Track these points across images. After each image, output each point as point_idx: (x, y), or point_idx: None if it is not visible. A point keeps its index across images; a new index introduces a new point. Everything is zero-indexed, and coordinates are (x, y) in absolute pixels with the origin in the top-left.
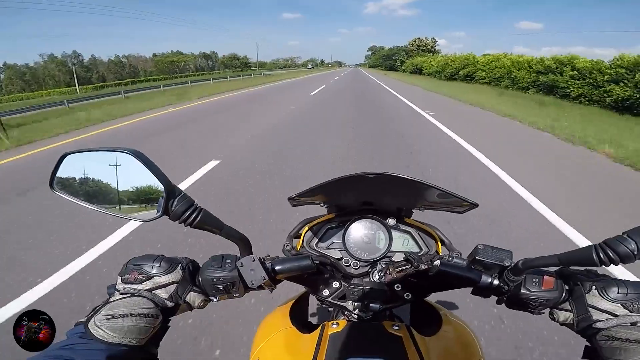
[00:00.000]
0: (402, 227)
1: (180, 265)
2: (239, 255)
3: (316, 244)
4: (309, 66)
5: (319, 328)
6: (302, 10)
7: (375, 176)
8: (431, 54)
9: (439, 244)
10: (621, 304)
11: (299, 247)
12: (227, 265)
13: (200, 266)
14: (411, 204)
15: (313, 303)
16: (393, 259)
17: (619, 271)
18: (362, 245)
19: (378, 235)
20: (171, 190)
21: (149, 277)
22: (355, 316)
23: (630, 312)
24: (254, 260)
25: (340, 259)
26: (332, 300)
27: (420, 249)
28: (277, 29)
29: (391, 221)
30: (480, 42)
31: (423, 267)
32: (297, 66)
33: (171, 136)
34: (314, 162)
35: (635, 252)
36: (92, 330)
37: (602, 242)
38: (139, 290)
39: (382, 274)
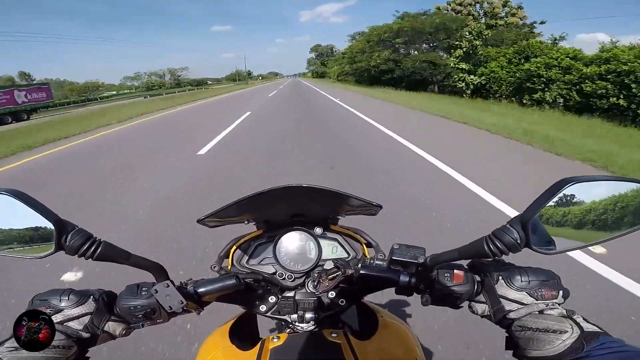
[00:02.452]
0: (329, 234)
1: (92, 296)
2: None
3: (247, 262)
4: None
5: (259, 344)
6: (233, 22)
7: (286, 189)
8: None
9: (364, 246)
10: (527, 292)
11: (230, 267)
12: (143, 293)
13: (118, 295)
14: (333, 211)
15: (264, 320)
16: (325, 267)
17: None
18: (294, 257)
19: (308, 245)
20: (62, 226)
21: (58, 310)
22: (299, 328)
23: (536, 299)
24: (168, 286)
25: (274, 273)
26: (271, 315)
27: (349, 254)
28: (210, 43)
29: (318, 230)
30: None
31: (349, 272)
32: (219, 81)
33: None
34: None
35: (519, 242)
36: None
37: (491, 232)
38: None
39: (315, 283)
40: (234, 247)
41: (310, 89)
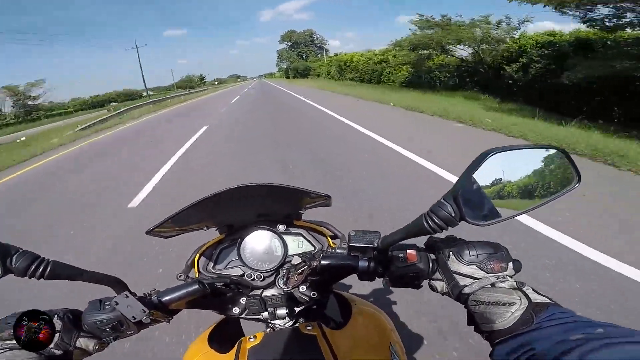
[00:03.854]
0: (293, 230)
1: (57, 315)
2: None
3: (213, 267)
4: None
5: (236, 345)
6: (187, 26)
7: (234, 190)
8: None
9: (329, 238)
10: (477, 266)
11: (197, 275)
12: (106, 307)
13: (83, 312)
14: (293, 207)
15: (251, 323)
16: (293, 262)
17: None
18: (260, 257)
19: (273, 243)
20: (5, 250)
21: None
22: (277, 325)
23: (487, 273)
24: (128, 297)
25: (243, 275)
26: (245, 317)
27: (315, 247)
28: (164, 49)
29: (281, 227)
30: (368, 40)
31: (315, 263)
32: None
33: None
34: None
35: (454, 215)
36: None
37: (429, 209)
38: (15, 344)
39: (285, 279)
40: (198, 255)
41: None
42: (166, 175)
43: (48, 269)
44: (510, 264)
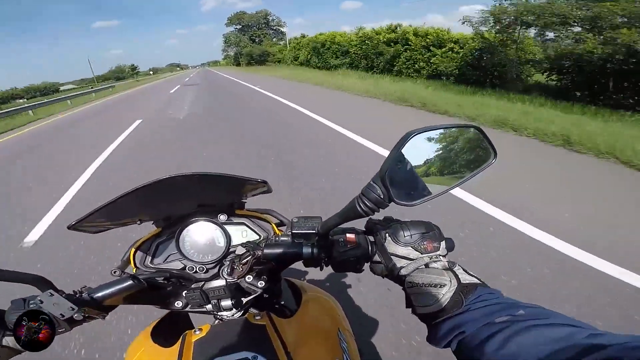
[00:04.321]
0: (235, 219)
1: None
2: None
3: (151, 262)
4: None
5: (180, 339)
6: (120, 16)
7: (165, 181)
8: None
9: (274, 225)
10: (412, 247)
11: (134, 270)
12: (30, 305)
13: (5, 311)
14: (233, 196)
15: (199, 317)
16: (237, 252)
17: None
18: (203, 248)
19: (215, 234)
20: None
21: None
22: (225, 317)
23: (421, 253)
24: (52, 295)
25: (184, 268)
26: (190, 310)
27: (260, 235)
28: (95, 40)
29: (222, 217)
30: (318, 26)
31: (259, 252)
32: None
33: None
34: None
35: (383, 197)
36: None
37: (360, 192)
38: None
39: (229, 270)
40: (133, 250)
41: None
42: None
43: None
44: (443, 243)
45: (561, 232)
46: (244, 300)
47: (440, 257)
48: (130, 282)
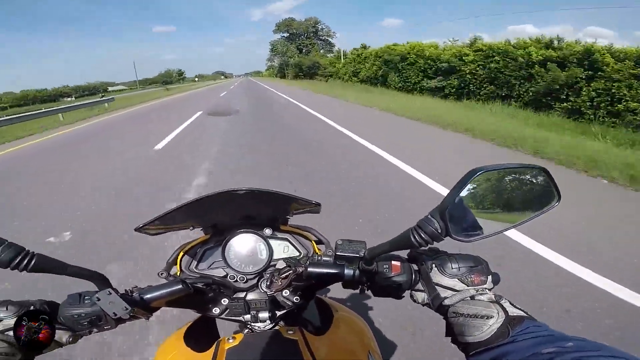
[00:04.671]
0: (279, 234)
1: (32, 306)
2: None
3: (196, 267)
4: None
5: (214, 345)
6: (175, 23)
7: (223, 194)
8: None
9: (314, 244)
10: (458, 279)
11: (179, 273)
12: (86, 301)
13: (60, 304)
14: (281, 211)
15: (226, 323)
16: (277, 266)
17: None
18: (245, 259)
19: (258, 246)
20: None
21: None
22: (256, 328)
23: (467, 285)
24: (110, 294)
25: (225, 276)
26: (225, 317)
27: (300, 252)
28: (153, 45)
29: (267, 231)
30: (360, 41)
31: (300, 269)
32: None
33: None
34: None
35: (440, 231)
36: None
37: (416, 224)
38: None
39: (268, 283)
40: (181, 254)
41: None
42: None
43: (32, 262)
44: (490, 277)
45: None
46: (278, 313)
47: (487, 290)
48: (179, 286)
